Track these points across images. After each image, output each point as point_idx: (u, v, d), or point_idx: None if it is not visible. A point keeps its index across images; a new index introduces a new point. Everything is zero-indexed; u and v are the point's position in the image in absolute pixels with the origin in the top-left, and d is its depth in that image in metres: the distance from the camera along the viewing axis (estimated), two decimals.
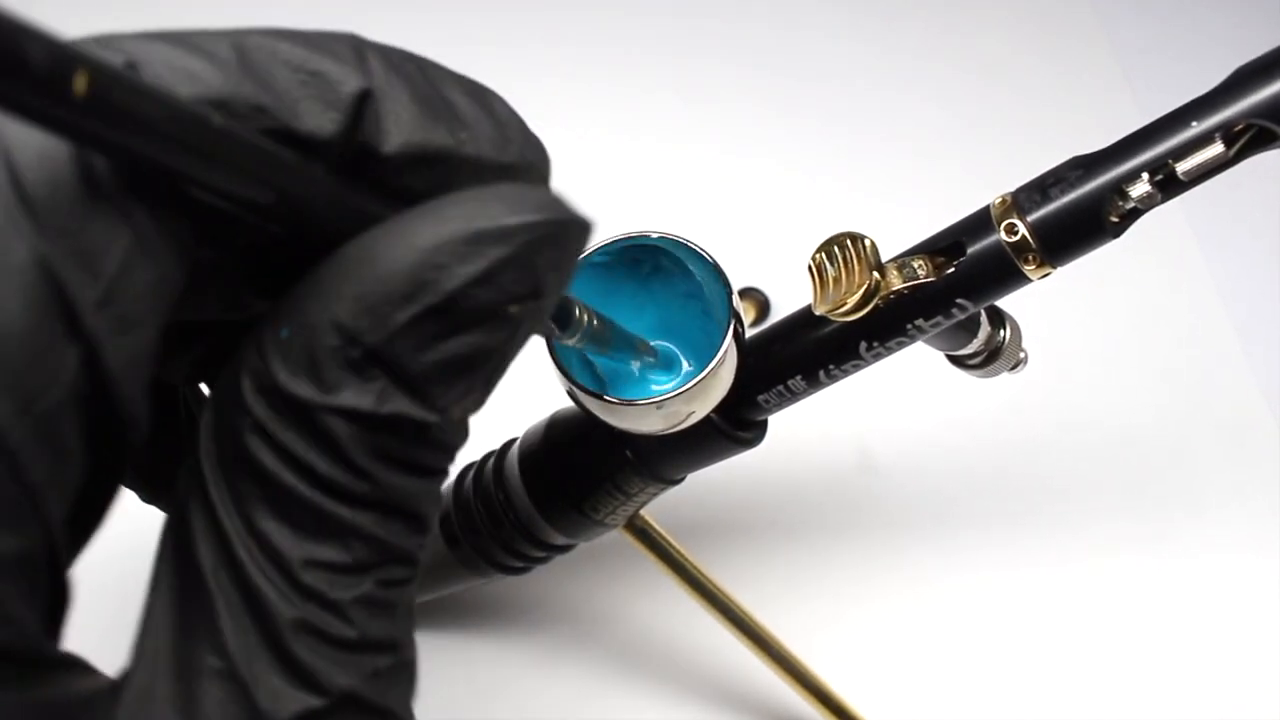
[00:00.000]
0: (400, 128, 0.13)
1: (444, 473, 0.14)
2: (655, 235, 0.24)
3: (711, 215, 0.47)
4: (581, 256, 0.24)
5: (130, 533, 0.20)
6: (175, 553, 0.13)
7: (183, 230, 0.13)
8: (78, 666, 0.13)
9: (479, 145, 0.14)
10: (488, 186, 0.13)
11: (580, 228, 0.14)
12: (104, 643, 0.16)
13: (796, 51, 0.54)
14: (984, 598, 0.39)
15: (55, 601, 0.13)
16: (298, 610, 0.13)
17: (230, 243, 0.14)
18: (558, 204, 0.13)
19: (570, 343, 0.19)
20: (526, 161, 0.15)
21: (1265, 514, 0.42)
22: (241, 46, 0.13)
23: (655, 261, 0.25)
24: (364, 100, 0.13)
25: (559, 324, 0.19)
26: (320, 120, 0.13)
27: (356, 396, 0.13)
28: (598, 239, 0.24)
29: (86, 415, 0.12)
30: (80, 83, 0.09)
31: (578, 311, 0.19)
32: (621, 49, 0.54)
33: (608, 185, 0.48)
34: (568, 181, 0.16)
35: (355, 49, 0.13)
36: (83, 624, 0.14)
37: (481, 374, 0.13)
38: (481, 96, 0.14)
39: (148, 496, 0.18)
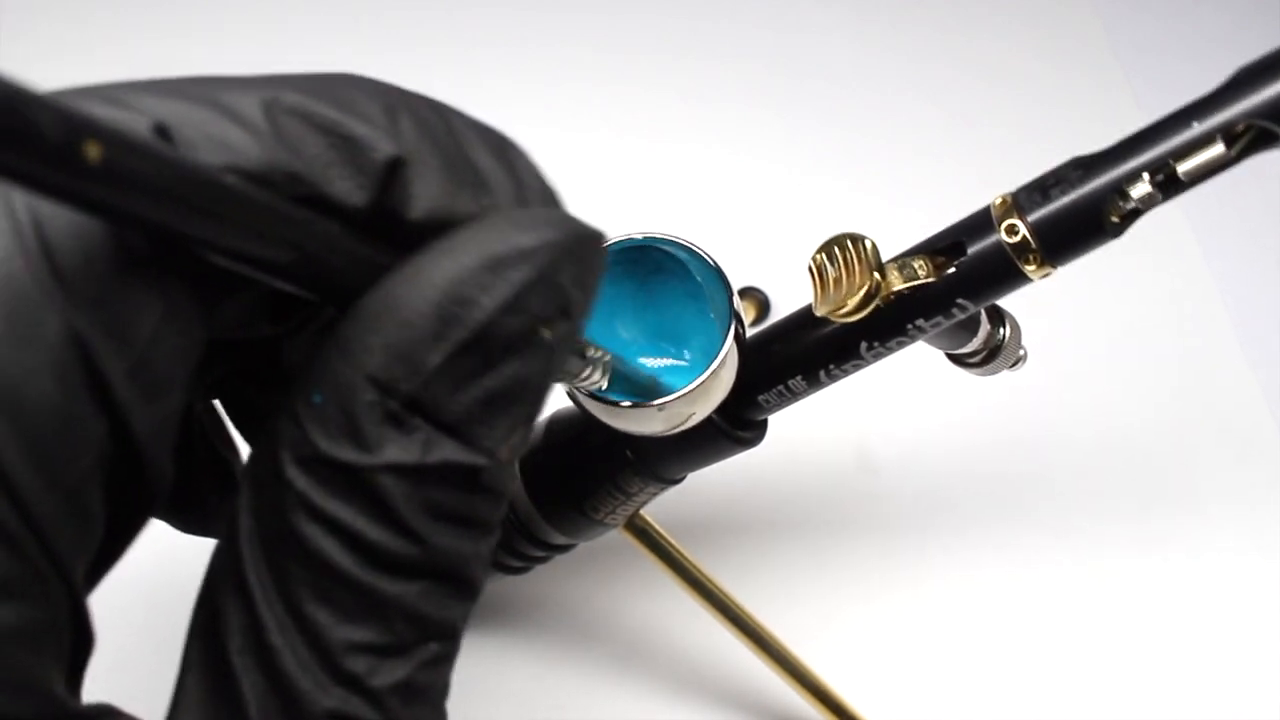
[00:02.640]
0: (428, 196, 0.13)
1: (495, 528, 0.14)
2: (655, 236, 0.24)
3: (711, 215, 0.47)
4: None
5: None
6: (205, 635, 0.13)
7: (208, 291, 0.13)
8: (107, 716, 0.13)
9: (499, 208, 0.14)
10: (500, 212, 0.13)
11: (596, 240, 0.14)
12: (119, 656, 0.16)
13: (796, 51, 0.54)
14: (984, 597, 0.39)
15: (78, 655, 0.13)
16: (333, 700, 0.13)
17: (249, 288, 0.14)
18: (571, 220, 0.13)
19: (593, 378, 0.19)
20: None
21: (1266, 514, 0.42)
22: (273, 107, 0.12)
23: (655, 262, 0.25)
24: (394, 167, 0.13)
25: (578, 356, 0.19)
26: (350, 187, 0.13)
27: (401, 450, 0.12)
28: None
29: (111, 480, 0.12)
30: (93, 151, 0.09)
31: (591, 350, 0.19)
32: (622, 49, 0.54)
33: (608, 185, 0.48)
34: (569, 182, 0.16)
35: (387, 108, 0.13)
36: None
37: (523, 408, 0.13)
38: (503, 152, 0.14)
39: (186, 528, 0.17)
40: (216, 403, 0.18)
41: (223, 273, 0.12)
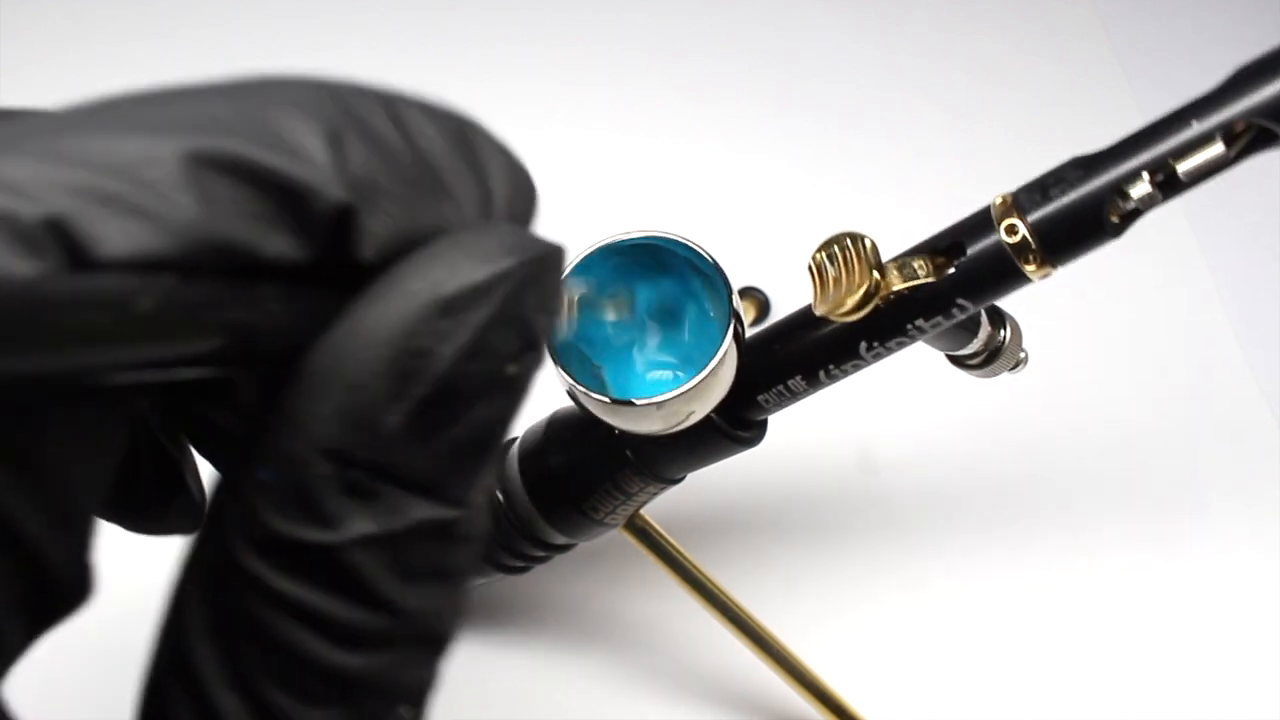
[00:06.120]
0: (382, 230, 0.11)
1: (470, 572, 0.13)
2: (655, 235, 0.24)
3: (711, 215, 0.47)
4: (583, 255, 0.24)
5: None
6: None
7: (113, 402, 0.12)
8: None
9: (463, 213, 0.12)
10: (448, 239, 0.12)
11: (556, 257, 0.12)
12: None
13: (796, 51, 0.54)
14: (984, 597, 0.39)
15: None
16: None
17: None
18: (526, 239, 0.12)
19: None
20: (513, 214, 0.13)
21: (1266, 513, 0.41)
22: (195, 162, 0.10)
23: (656, 260, 0.25)
24: (343, 215, 0.11)
25: None
26: (291, 247, 0.11)
27: (369, 521, 0.11)
28: (598, 238, 0.24)
29: (12, 589, 0.11)
30: None
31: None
32: (622, 48, 0.54)
33: (608, 185, 0.48)
34: (569, 182, 0.16)
35: (331, 137, 0.11)
36: None
37: (494, 448, 0.12)
38: (463, 139, 0.12)
39: (133, 527, 0.17)
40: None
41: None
